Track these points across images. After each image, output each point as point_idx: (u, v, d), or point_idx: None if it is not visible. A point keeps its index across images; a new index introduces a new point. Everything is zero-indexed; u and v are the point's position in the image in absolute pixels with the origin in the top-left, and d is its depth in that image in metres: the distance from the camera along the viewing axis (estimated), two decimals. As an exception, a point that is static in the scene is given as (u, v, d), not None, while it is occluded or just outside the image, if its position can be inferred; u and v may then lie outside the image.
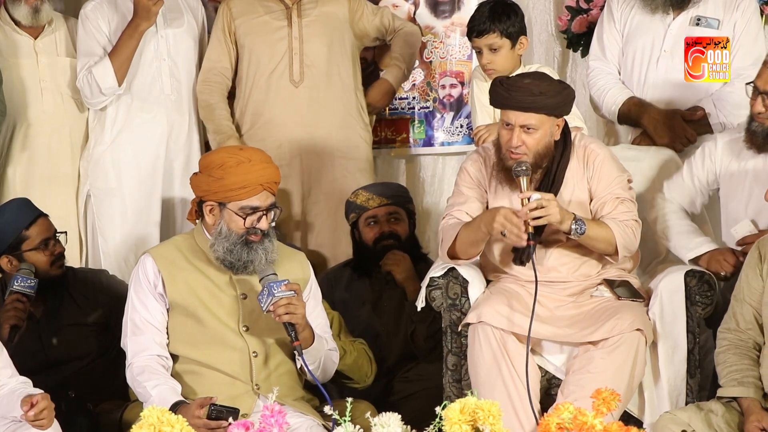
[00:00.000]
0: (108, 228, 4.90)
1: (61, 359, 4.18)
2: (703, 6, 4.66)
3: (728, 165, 4.19)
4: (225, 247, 3.72)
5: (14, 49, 4.87)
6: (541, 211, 3.74)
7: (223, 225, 3.73)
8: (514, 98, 3.83)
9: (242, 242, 3.70)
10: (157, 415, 2.91)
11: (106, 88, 4.81)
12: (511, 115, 3.85)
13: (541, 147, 3.86)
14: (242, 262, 3.72)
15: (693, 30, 4.64)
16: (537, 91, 3.82)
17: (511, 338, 3.82)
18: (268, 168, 3.77)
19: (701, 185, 4.27)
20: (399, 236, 4.64)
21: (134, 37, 4.81)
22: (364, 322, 4.56)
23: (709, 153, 4.24)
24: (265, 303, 3.61)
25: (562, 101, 3.88)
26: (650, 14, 4.69)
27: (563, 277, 3.97)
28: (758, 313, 3.64)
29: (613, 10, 4.80)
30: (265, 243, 3.73)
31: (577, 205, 3.93)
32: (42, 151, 4.89)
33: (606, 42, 4.80)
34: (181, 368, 3.73)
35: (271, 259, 3.73)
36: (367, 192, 4.71)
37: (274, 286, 3.60)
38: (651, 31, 4.69)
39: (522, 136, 3.83)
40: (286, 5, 4.98)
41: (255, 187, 3.70)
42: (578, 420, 2.90)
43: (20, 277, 4.07)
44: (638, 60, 4.72)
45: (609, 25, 4.80)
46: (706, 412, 3.50)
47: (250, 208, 3.71)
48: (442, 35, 5.50)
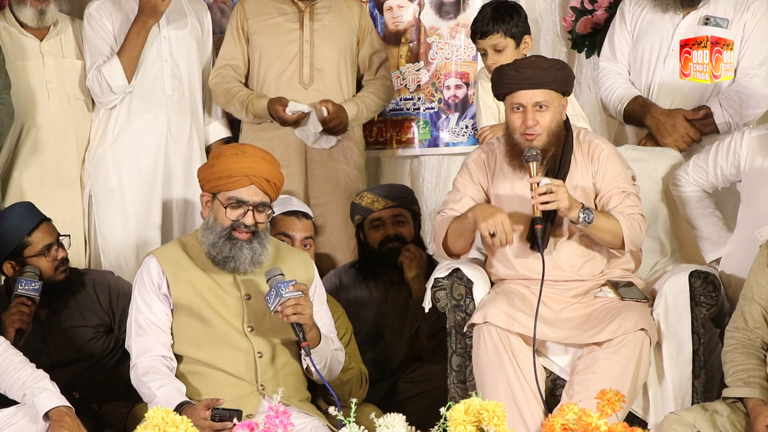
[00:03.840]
0: (108, 228, 4.91)
1: (65, 361, 4.19)
2: (714, 5, 4.66)
3: (753, 161, 4.18)
4: (210, 240, 3.71)
5: (20, 52, 4.87)
6: (551, 196, 3.76)
7: (211, 216, 3.73)
8: (525, 75, 3.89)
9: (226, 236, 3.68)
10: (162, 415, 2.92)
11: (116, 86, 4.83)
12: (522, 95, 3.89)
13: (554, 125, 3.92)
14: (222, 257, 3.70)
15: (702, 29, 4.64)
16: (545, 65, 3.93)
17: (516, 339, 3.82)
18: (260, 162, 3.75)
19: (723, 176, 4.27)
20: (404, 238, 4.64)
21: (142, 34, 4.83)
22: (369, 323, 4.57)
23: (735, 145, 4.23)
24: (273, 303, 3.59)
25: (566, 76, 3.98)
26: (661, 13, 4.70)
27: (567, 275, 3.97)
28: (767, 312, 3.63)
29: (625, 12, 4.81)
30: (254, 243, 3.70)
31: (582, 199, 3.93)
32: (49, 152, 4.89)
33: (617, 43, 4.81)
34: (186, 369, 3.72)
35: (257, 260, 3.71)
36: (372, 194, 4.72)
37: (281, 287, 3.58)
38: (660, 30, 4.69)
39: (536, 115, 3.88)
40: (299, 8, 5.01)
41: (241, 178, 3.69)
42: (583, 421, 2.90)
43: (24, 280, 4.07)
44: (647, 59, 4.72)
45: (620, 26, 4.81)
46: (711, 412, 3.49)
47: (236, 200, 3.69)
48: (446, 36, 5.50)
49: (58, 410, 3.40)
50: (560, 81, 3.93)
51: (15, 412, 3.47)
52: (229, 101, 4.98)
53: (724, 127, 4.59)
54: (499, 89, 3.99)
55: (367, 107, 5.03)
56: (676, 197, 4.36)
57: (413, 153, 5.58)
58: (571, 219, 3.86)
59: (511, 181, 3.99)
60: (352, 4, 5.13)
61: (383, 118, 5.52)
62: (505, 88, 3.96)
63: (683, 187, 4.33)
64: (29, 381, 3.46)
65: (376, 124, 5.53)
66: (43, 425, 3.39)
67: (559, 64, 4.00)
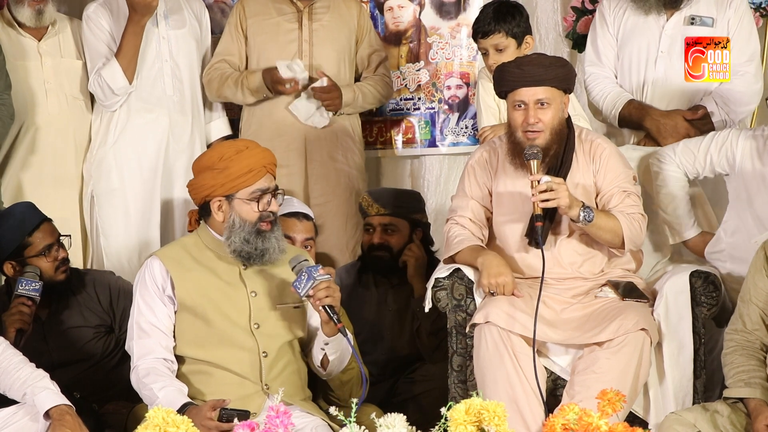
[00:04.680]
0: (110, 228, 4.91)
1: (66, 361, 4.18)
2: (696, 5, 4.66)
3: (749, 162, 4.16)
4: (241, 238, 3.72)
5: (18, 52, 4.86)
6: (551, 194, 3.77)
7: (235, 217, 3.73)
8: (527, 72, 3.90)
9: (256, 231, 3.71)
10: (163, 415, 2.92)
11: (117, 88, 4.83)
12: (524, 93, 3.91)
13: (556, 123, 3.93)
14: (259, 251, 3.72)
15: (688, 29, 4.64)
16: (547, 63, 3.96)
17: (517, 339, 3.82)
18: (266, 151, 3.82)
19: (710, 165, 4.25)
20: (391, 248, 4.64)
21: (137, 33, 4.82)
22: (370, 322, 4.57)
23: (732, 141, 4.21)
24: (304, 288, 3.58)
25: (568, 73, 4.00)
26: (644, 15, 4.70)
27: (567, 273, 3.98)
28: (765, 314, 3.63)
29: (606, 15, 4.80)
30: (276, 231, 3.76)
31: (583, 197, 3.94)
32: (47, 152, 4.89)
33: (600, 46, 4.79)
34: (191, 369, 3.72)
35: (282, 247, 3.76)
36: (370, 197, 4.73)
37: (312, 270, 3.59)
38: (646, 32, 4.69)
39: (538, 113, 3.88)
40: (298, 8, 5.01)
41: (260, 170, 3.73)
42: (583, 421, 2.90)
43: (25, 280, 4.07)
44: (635, 62, 4.71)
45: (602, 30, 4.80)
46: (711, 412, 3.49)
47: (260, 191, 3.73)
48: (447, 36, 5.50)
49: (59, 409, 3.40)
50: (562, 78, 3.95)
51: (15, 411, 3.47)
52: (223, 83, 4.97)
53: (720, 125, 4.60)
54: (500, 86, 4.00)
55: (363, 95, 5.02)
56: (654, 173, 4.32)
57: (413, 153, 5.58)
58: (571, 217, 3.87)
59: (513, 179, 4.00)
60: (351, 4, 5.13)
61: (383, 118, 5.52)
62: (507, 85, 3.97)
63: (666, 164, 4.30)
64: (29, 380, 3.46)
65: (376, 124, 5.54)
66: (44, 424, 3.39)
67: (560, 62, 4.03)
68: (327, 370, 3.79)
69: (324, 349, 3.74)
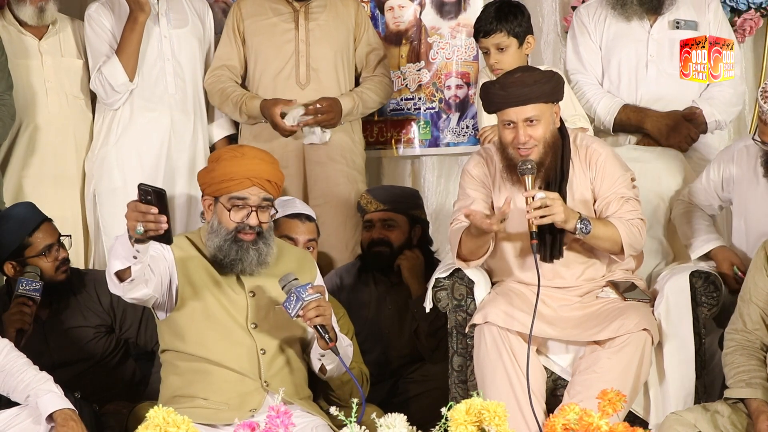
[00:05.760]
0: (113, 227, 4.89)
1: (66, 361, 4.19)
2: (676, 10, 4.69)
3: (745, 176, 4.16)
4: (216, 244, 3.68)
5: (19, 50, 4.87)
6: (546, 210, 3.75)
7: (215, 220, 3.71)
8: (512, 93, 3.84)
9: (232, 239, 3.66)
10: (163, 415, 2.91)
11: (118, 85, 4.84)
12: (512, 112, 3.86)
13: (548, 136, 3.88)
14: (229, 260, 3.68)
15: (675, 33, 4.67)
16: (531, 81, 3.86)
17: (517, 339, 3.81)
18: (261, 164, 3.73)
19: (716, 187, 4.25)
20: (391, 243, 4.64)
21: (135, 30, 4.82)
22: (369, 322, 4.57)
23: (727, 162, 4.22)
24: (294, 309, 3.55)
25: (555, 86, 3.91)
26: (626, 22, 4.71)
27: (568, 283, 3.97)
28: (765, 314, 3.64)
29: (585, 23, 4.80)
30: (259, 244, 3.69)
31: (581, 205, 3.93)
32: (47, 151, 4.89)
33: (584, 54, 4.79)
34: (191, 366, 3.70)
35: (263, 261, 3.69)
36: (369, 195, 4.74)
37: (301, 291, 3.55)
38: (632, 39, 4.70)
39: (527, 130, 3.84)
40: (294, 8, 5.00)
41: (242, 181, 3.67)
42: (584, 420, 2.90)
43: (25, 280, 4.07)
44: (625, 69, 4.72)
45: (583, 38, 4.79)
46: (712, 413, 3.49)
47: (238, 199, 3.68)
48: (447, 36, 5.50)
49: (63, 413, 3.38)
50: (549, 93, 3.88)
51: (18, 413, 3.46)
52: (224, 101, 4.97)
53: (713, 125, 4.66)
54: (487, 107, 3.96)
55: (363, 102, 5.00)
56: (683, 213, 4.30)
57: (414, 153, 5.58)
58: (568, 230, 3.84)
59: (511, 194, 3.94)
60: (348, 2, 5.09)
61: (383, 118, 5.52)
62: (493, 106, 3.93)
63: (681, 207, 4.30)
64: (33, 383, 3.45)
65: (376, 124, 5.53)
66: (46, 427, 3.38)
67: (545, 77, 3.91)
68: (326, 375, 3.79)
69: (321, 360, 3.73)
